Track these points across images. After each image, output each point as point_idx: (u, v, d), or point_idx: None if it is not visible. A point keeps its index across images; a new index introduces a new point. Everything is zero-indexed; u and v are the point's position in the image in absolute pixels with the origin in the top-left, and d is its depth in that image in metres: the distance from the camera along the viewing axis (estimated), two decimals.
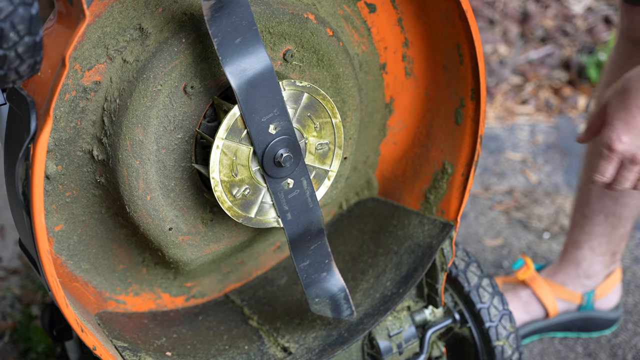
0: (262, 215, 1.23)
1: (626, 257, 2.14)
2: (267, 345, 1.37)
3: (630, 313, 1.98)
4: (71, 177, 1.19)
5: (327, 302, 1.32)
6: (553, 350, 1.90)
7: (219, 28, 1.10)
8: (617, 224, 1.83)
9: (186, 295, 1.44)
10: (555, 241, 2.23)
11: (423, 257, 1.39)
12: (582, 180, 1.87)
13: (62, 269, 1.27)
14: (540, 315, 1.90)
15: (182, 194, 1.24)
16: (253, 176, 1.20)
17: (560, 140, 2.68)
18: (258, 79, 1.13)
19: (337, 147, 1.26)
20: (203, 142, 1.22)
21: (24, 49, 0.90)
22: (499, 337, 1.48)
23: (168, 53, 1.14)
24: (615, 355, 1.87)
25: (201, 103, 1.19)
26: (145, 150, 1.17)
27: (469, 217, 2.34)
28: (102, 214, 1.25)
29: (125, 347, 1.26)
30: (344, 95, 1.31)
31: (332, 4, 1.29)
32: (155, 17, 1.14)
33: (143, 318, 1.38)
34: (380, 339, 1.42)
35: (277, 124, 1.16)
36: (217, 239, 1.31)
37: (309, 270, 1.29)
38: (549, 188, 2.46)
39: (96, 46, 1.12)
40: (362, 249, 1.47)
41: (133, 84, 1.14)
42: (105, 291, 1.34)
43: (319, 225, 1.27)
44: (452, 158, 1.40)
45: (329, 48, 1.26)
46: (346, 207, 1.54)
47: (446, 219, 1.40)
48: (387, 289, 1.39)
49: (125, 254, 1.32)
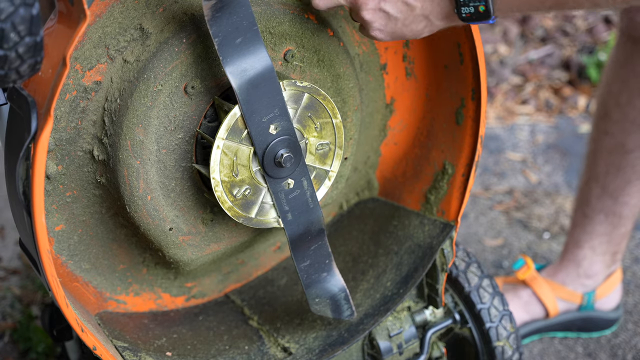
0: (262, 215, 1.23)
1: (626, 257, 2.14)
2: (268, 345, 1.37)
3: (630, 313, 1.98)
4: (72, 177, 1.19)
5: (328, 302, 1.32)
6: (553, 350, 1.90)
7: (219, 28, 1.10)
8: (617, 223, 1.83)
9: (186, 296, 1.44)
10: (556, 241, 2.23)
11: (423, 257, 1.39)
12: (582, 179, 1.87)
13: (62, 269, 1.27)
14: (541, 315, 1.90)
15: (182, 194, 1.24)
16: (253, 176, 1.19)
17: (560, 140, 2.68)
18: (259, 79, 1.13)
19: (337, 148, 1.26)
20: (204, 142, 1.22)
21: (24, 49, 0.90)
22: (499, 338, 1.48)
23: (169, 53, 1.14)
24: (615, 355, 1.87)
25: (202, 103, 1.19)
26: (145, 150, 1.17)
27: (469, 217, 2.34)
28: (102, 214, 1.25)
29: (126, 347, 1.26)
30: (345, 95, 1.31)
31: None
32: (156, 17, 1.14)
33: (143, 318, 1.38)
34: (380, 339, 1.42)
35: (278, 124, 1.16)
36: (217, 239, 1.31)
37: (309, 270, 1.29)
38: (549, 188, 2.46)
39: (97, 46, 1.12)
40: (362, 249, 1.47)
41: (134, 84, 1.14)
42: (106, 291, 1.34)
43: (319, 226, 1.27)
44: (452, 158, 1.40)
45: (330, 48, 1.26)
46: (346, 207, 1.54)
47: (446, 219, 1.40)
48: (387, 289, 1.39)
49: (125, 254, 1.31)
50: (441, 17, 1.17)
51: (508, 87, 2.95)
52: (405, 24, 1.18)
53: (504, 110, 2.86)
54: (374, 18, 1.18)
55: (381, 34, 1.19)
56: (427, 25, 1.18)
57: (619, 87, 1.73)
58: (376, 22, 1.18)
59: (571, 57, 3.02)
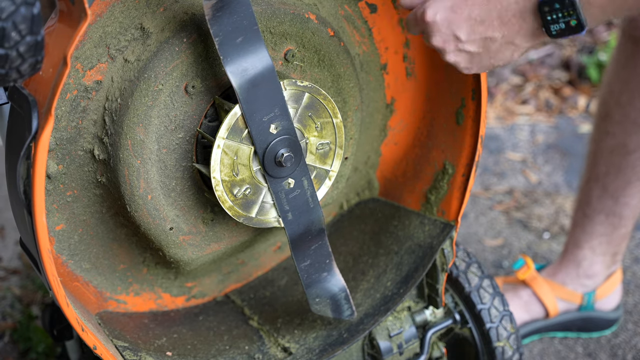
0: (262, 215, 1.23)
1: (626, 257, 2.14)
2: (268, 345, 1.37)
3: (630, 313, 1.98)
4: (72, 176, 1.19)
5: (328, 302, 1.32)
6: (553, 350, 1.90)
7: (220, 27, 1.10)
8: (617, 223, 1.83)
9: (187, 295, 1.44)
10: (556, 241, 2.23)
11: (424, 257, 1.39)
12: (583, 180, 1.87)
13: (62, 269, 1.27)
14: (541, 315, 1.90)
15: (183, 194, 1.24)
16: (254, 176, 1.19)
17: (560, 140, 2.68)
18: (259, 79, 1.13)
19: (338, 147, 1.26)
20: (204, 142, 1.22)
21: (25, 48, 0.90)
22: (500, 338, 1.48)
23: (169, 52, 1.14)
24: (615, 355, 1.87)
25: (202, 102, 1.19)
26: (146, 149, 1.17)
27: (469, 217, 2.34)
28: (102, 213, 1.25)
29: (126, 346, 1.26)
30: (345, 95, 1.31)
31: (333, 4, 1.29)
32: (156, 17, 1.14)
33: (144, 318, 1.38)
34: (380, 339, 1.42)
35: (278, 123, 1.16)
36: (217, 239, 1.31)
37: (309, 270, 1.29)
38: (549, 188, 2.46)
39: (97, 45, 1.12)
40: (362, 249, 1.47)
41: (134, 84, 1.14)
42: (106, 291, 1.34)
43: (319, 225, 1.27)
44: (452, 158, 1.40)
45: (330, 48, 1.26)
46: (347, 207, 1.54)
47: (447, 219, 1.40)
48: (387, 289, 1.39)
49: (126, 253, 1.31)
50: (527, 38, 1.13)
51: (508, 87, 2.95)
52: (491, 56, 1.16)
53: (504, 110, 2.86)
54: (458, 59, 1.17)
55: (470, 70, 1.19)
56: (515, 50, 1.15)
57: (620, 88, 1.73)
58: (461, 63, 1.17)
59: (571, 57, 3.02)
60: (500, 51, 1.15)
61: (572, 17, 1.07)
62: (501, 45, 1.14)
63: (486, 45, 1.14)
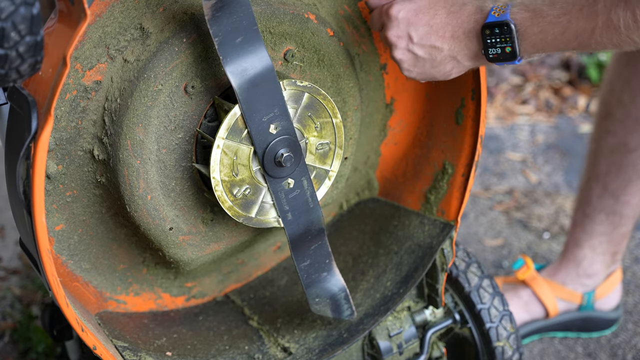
0: (262, 215, 1.23)
1: (626, 257, 2.14)
2: (268, 345, 1.37)
3: (630, 313, 1.98)
4: (72, 176, 1.19)
5: (328, 302, 1.32)
6: (553, 350, 1.90)
7: (219, 28, 1.10)
8: (618, 222, 1.82)
9: (187, 295, 1.44)
10: (555, 241, 2.23)
11: (423, 257, 1.39)
12: (583, 179, 1.87)
13: (62, 269, 1.27)
14: (541, 315, 1.90)
15: (182, 194, 1.24)
16: (253, 176, 1.19)
17: (560, 140, 2.68)
18: (259, 79, 1.13)
19: (337, 147, 1.26)
20: (204, 142, 1.22)
21: (25, 49, 0.90)
22: (500, 338, 1.48)
23: (169, 53, 1.14)
24: (615, 355, 1.87)
25: (202, 103, 1.19)
26: (145, 149, 1.17)
27: (469, 217, 2.34)
28: (102, 213, 1.25)
29: (126, 346, 1.26)
30: (345, 95, 1.31)
31: (333, 4, 1.29)
32: (156, 17, 1.14)
33: (143, 318, 1.38)
34: (380, 339, 1.42)
35: (278, 123, 1.16)
36: (217, 239, 1.31)
37: (309, 270, 1.29)
38: (549, 188, 2.46)
39: (97, 46, 1.12)
40: (362, 249, 1.47)
41: (134, 84, 1.14)
42: (106, 291, 1.34)
43: (319, 225, 1.27)
44: (452, 158, 1.40)
45: (330, 48, 1.26)
46: (347, 207, 1.54)
47: (446, 219, 1.40)
48: (387, 289, 1.39)
49: (125, 253, 1.31)
50: (469, 57, 1.20)
51: (508, 87, 2.95)
52: (433, 65, 1.22)
53: (504, 110, 2.86)
54: (404, 58, 1.22)
55: (410, 73, 1.24)
56: (456, 66, 1.21)
57: (622, 86, 1.73)
58: (405, 63, 1.23)
59: (571, 57, 3.02)
60: (442, 63, 1.21)
61: (507, 44, 1.15)
62: (445, 57, 1.20)
63: (432, 54, 1.20)
